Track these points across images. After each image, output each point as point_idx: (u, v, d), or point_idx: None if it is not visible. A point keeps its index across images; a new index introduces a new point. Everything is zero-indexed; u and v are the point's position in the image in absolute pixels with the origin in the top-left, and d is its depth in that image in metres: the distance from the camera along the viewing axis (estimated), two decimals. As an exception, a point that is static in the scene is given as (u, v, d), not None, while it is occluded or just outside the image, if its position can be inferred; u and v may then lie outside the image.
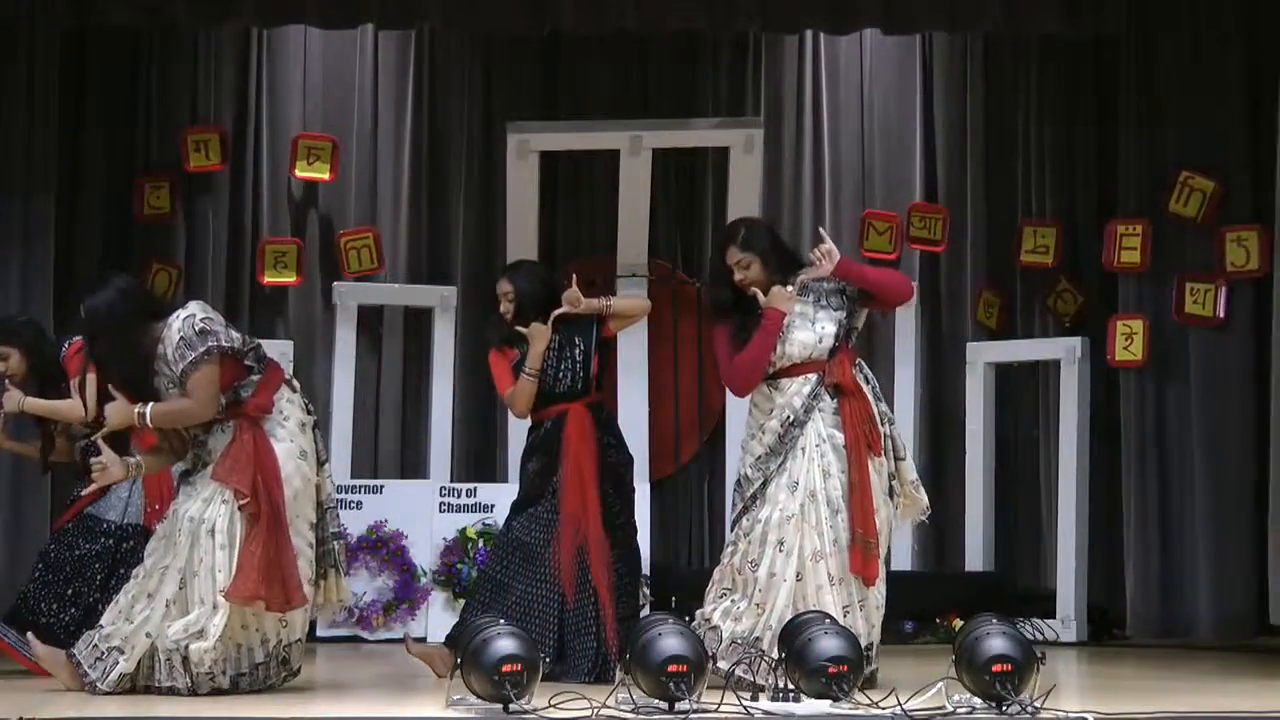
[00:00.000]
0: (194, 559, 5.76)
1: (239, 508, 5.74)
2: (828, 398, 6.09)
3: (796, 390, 6.10)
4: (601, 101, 9.61)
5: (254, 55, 9.48)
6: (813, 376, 6.11)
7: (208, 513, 5.78)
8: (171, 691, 5.72)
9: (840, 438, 6.04)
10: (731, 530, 6.20)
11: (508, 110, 9.39)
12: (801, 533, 5.96)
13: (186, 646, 5.69)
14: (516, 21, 8.77)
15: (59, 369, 6.60)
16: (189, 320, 5.81)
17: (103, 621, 5.88)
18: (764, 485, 6.06)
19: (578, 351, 6.62)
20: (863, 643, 5.72)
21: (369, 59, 9.58)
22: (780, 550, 5.96)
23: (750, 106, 9.66)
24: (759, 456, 6.11)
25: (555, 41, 9.49)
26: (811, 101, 9.72)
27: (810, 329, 6.13)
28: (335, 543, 6.06)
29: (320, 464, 6.05)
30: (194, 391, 5.77)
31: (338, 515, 6.14)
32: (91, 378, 5.98)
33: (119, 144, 9.26)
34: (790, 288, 6.16)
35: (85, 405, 6.04)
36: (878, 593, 6.04)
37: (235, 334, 5.92)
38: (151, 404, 5.79)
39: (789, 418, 6.07)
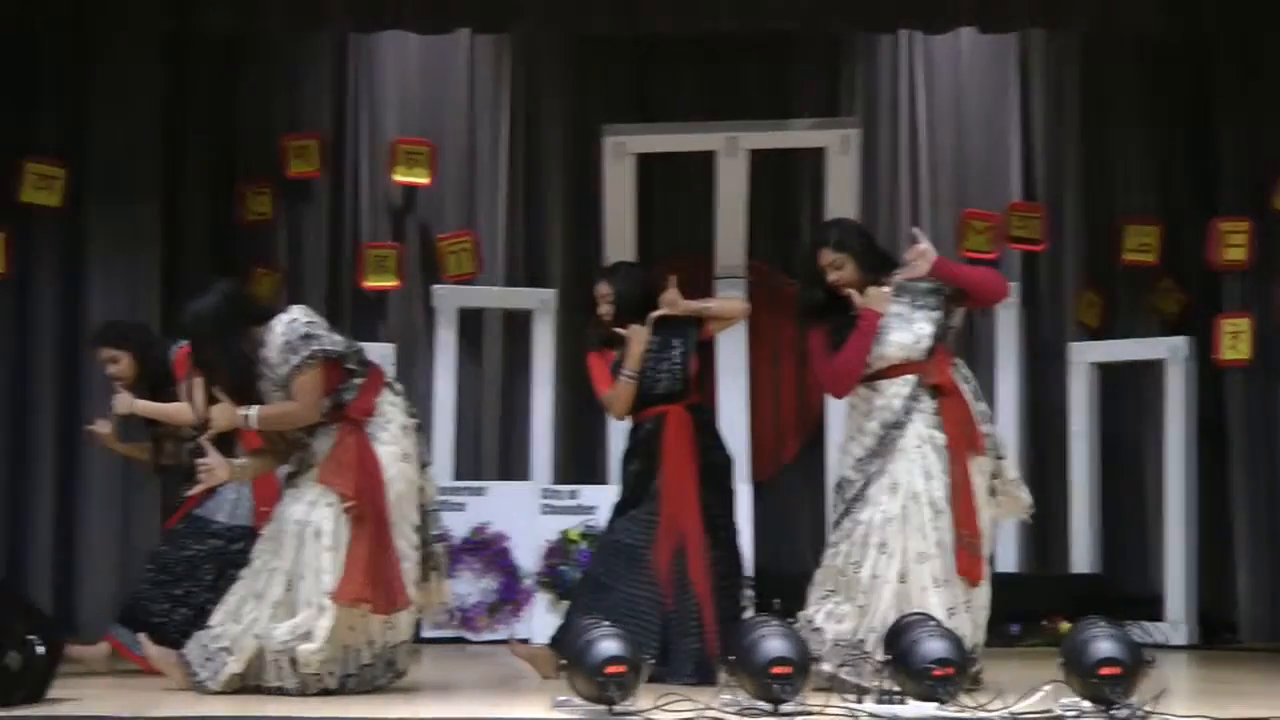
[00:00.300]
0: (300, 561, 5.81)
1: (344, 510, 5.79)
2: (927, 398, 6.06)
3: (895, 391, 6.07)
4: (697, 103, 9.62)
5: (351, 61, 9.57)
6: (911, 377, 6.07)
7: (313, 515, 5.82)
8: (280, 692, 5.77)
9: (941, 438, 6.01)
10: (833, 532, 6.18)
11: (603, 112, 9.42)
12: (904, 534, 5.93)
13: (294, 648, 5.74)
14: (610, 23, 8.79)
15: (168, 372, 6.68)
16: (292, 324, 5.87)
17: (211, 622, 5.95)
18: (865, 487, 6.03)
19: (676, 353, 6.62)
20: (967, 644, 5.68)
21: (465, 63, 9.64)
22: (882, 552, 5.93)
23: (846, 107, 9.63)
24: (859, 458, 6.09)
25: (650, 43, 9.51)
26: (908, 101, 9.68)
27: (907, 330, 6.10)
28: (437, 545, 6.10)
29: (422, 467, 6.08)
30: (298, 395, 5.82)
31: (440, 518, 6.17)
32: (198, 381, 6.06)
33: (221, 148, 9.38)
34: (886, 288, 6.13)
35: (193, 408, 6.11)
36: (982, 594, 6.00)
37: (338, 337, 5.97)
38: (256, 407, 5.85)
39: (889, 419, 6.04)
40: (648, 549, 6.43)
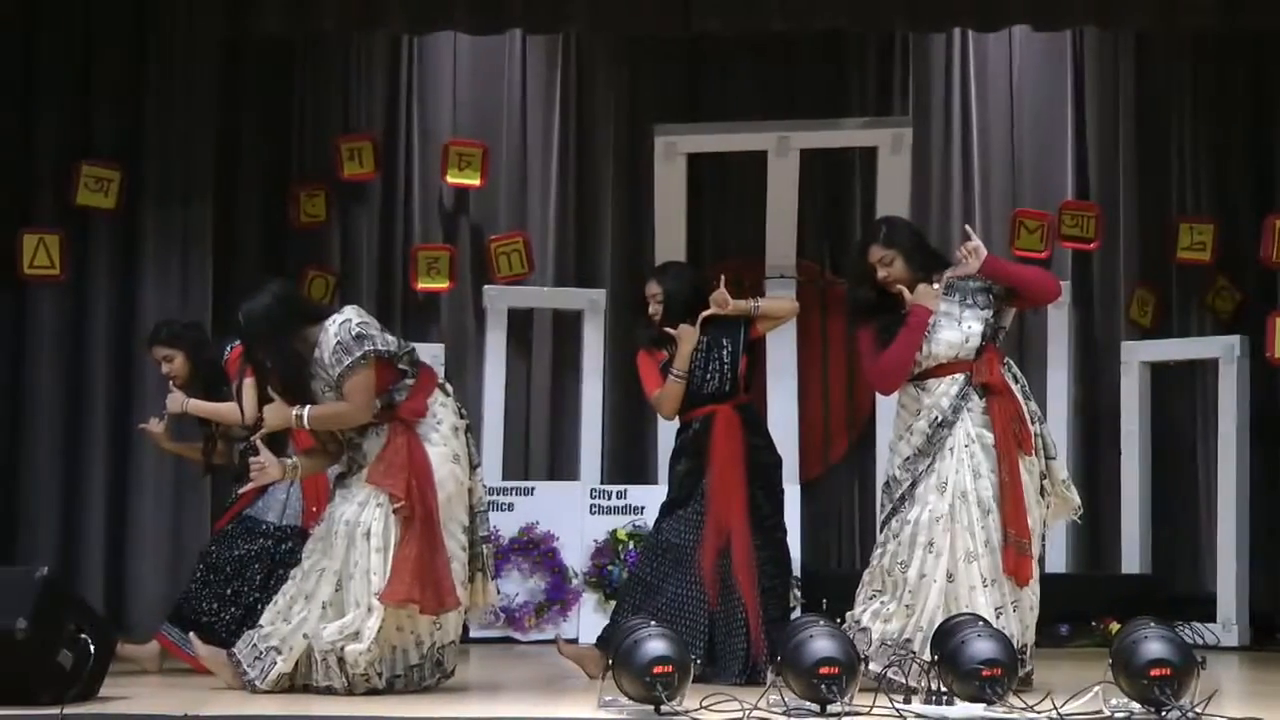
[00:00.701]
0: (350, 561, 5.82)
1: (393, 511, 5.80)
2: (976, 397, 6.03)
3: (944, 390, 6.05)
4: (748, 103, 9.60)
5: (404, 62, 9.60)
6: (960, 376, 6.05)
7: (363, 516, 5.83)
8: (328, 691, 5.79)
9: (990, 437, 5.98)
10: (881, 531, 6.16)
11: (654, 113, 9.42)
12: (952, 533, 5.91)
13: (342, 648, 5.76)
14: (662, 24, 8.78)
15: (221, 372, 6.72)
16: (345, 325, 5.88)
17: (262, 621, 5.99)
18: (913, 486, 6.02)
19: (725, 353, 6.61)
20: (1016, 644, 5.65)
21: (517, 64, 9.66)
22: (930, 551, 5.92)
23: (898, 106, 9.61)
24: (907, 457, 6.07)
25: (701, 43, 9.50)
26: (960, 100, 9.65)
27: (956, 328, 6.07)
28: (484, 546, 6.09)
29: (473, 468, 6.08)
30: (351, 395, 5.83)
31: (487, 519, 6.17)
32: (250, 381, 6.08)
33: (275, 150, 9.43)
34: (936, 285, 6.11)
35: (243, 408, 6.14)
36: (1031, 593, 5.97)
37: (390, 338, 5.97)
38: (309, 406, 5.87)
39: (937, 418, 6.02)
40: (695, 549, 6.43)
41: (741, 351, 6.63)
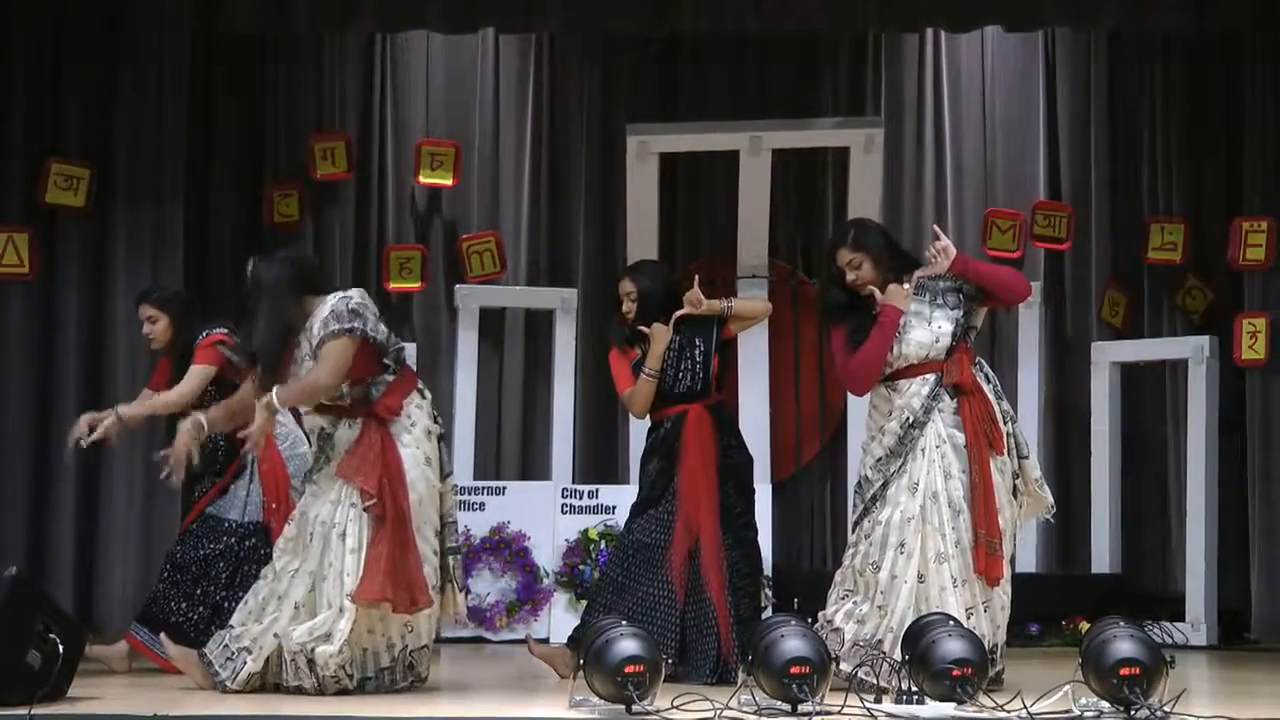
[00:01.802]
0: (324, 563, 5.80)
1: (365, 509, 5.77)
2: (947, 398, 6.05)
3: (915, 391, 6.06)
4: (721, 102, 9.60)
5: (378, 61, 9.58)
6: (931, 377, 6.06)
7: (337, 516, 5.81)
8: (299, 691, 5.77)
9: (961, 438, 6.00)
10: (853, 532, 6.18)
11: (628, 112, 9.42)
12: (923, 534, 5.93)
13: (312, 649, 5.74)
14: (636, 23, 8.79)
15: (191, 352, 6.68)
16: (344, 299, 5.84)
17: (233, 621, 5.96)
18: (884, 487, 6.03)
19: (698, 352, 6.61)
20: (987, 644, 5.68)
21: (490, 64, 9.64)
22: (901, 552, 5.93)
23: (870, 106, 9.62)
24: (879, 458, 6.09)
25: (675, 43, 9.51)
26: (933, 100, 9.66)
27: (927, 328, 6.09)
28: (452, 558, 6.07)
29: (444, 476, 6.05)
30: (323, 359, 5.74)
31: (457, 530, 6.15)
32: (201, 368, 6.25)
33: (247, 150, 9.39)
34: (907, 285, 6.12)
35: (184, 387, 6.13)
36: (1002, 594, 5.99)
37: (384, 329, 5.93)
38: (276, 387, 5.78)
39: (908, 419, 6.03)
40: (666, 548, 6.42)
41: (714, 351, 6.64)
